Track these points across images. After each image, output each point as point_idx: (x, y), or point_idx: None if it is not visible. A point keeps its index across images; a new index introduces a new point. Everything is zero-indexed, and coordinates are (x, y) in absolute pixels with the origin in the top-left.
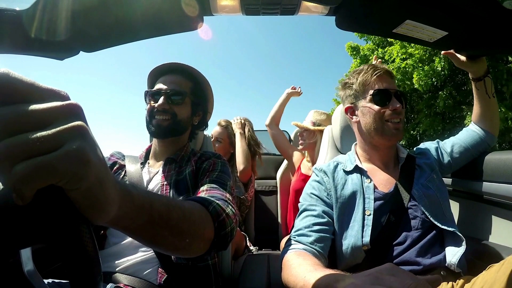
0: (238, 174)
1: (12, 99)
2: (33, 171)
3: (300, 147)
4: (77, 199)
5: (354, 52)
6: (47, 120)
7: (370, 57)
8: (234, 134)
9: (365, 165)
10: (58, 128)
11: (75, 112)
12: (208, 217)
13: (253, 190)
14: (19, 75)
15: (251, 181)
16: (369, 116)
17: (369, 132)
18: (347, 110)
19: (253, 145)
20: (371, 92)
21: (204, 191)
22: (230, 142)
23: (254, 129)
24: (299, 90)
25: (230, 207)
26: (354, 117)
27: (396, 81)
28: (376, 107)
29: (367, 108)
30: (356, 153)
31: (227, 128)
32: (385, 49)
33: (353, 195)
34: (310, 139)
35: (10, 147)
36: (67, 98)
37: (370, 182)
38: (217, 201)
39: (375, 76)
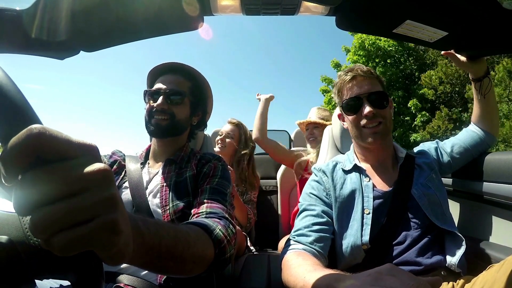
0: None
1: (49, 157)
2: (70, 244)
3: (309, 145)
4: (102, 256)
5: (325, 93)
6: (82, 186)
7: None
8: (245, 133)
9: (364, 164)
10: (94, 199)
11: (108, 178)
12: (210, 243)
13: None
14: (55, 131)
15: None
16: (349, 125)
17: (354, 138)
18: (339, 117)
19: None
20: (345, 98)
21: (205, 203)
22: (240, 140)
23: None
24: (269, 95)
25: (231, 227)
26: (344, 123)
27: None
28: (350, 117)
29: (345, 115)
30: (355, 152)
31: (238, 126)
32: None
33: (352, 194)
34: (321, 135)
35: (47, 219)
36: (97, 151)
37: (369, 180)
38: (219, 226)
39: (345, 83)
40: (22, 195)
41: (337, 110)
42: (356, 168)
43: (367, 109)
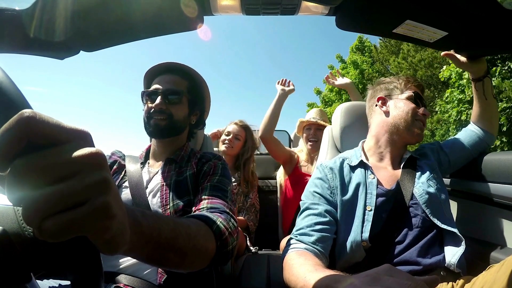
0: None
1: (39, 142)
2: (62, 228)
3: (309, 147)
4: (97, 243)
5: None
6: (74, 170)
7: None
8: (251, 137)
9: (370, 161)
10: (86, 183)
11: (100, 162)
12: (211, 236)
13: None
14: (46, 116)
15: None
16: (403, 110)
17: (396, 125)
18: (379, 99)
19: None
20: (412, 91)
21: (206, 200)
22: (246, 143)
23: (254, 128)
24: (291, 86)
25: (232, 221)
26: (384, 107)
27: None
28: (413, 105)
29: (403, 101)
30: (363, 149)
31: (246, 129)
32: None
33: (356, 190)
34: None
35: (38, 203)
36: (90, 137)
37: (374, 178)
38: (220, 219)
39: (416, 84)
40: (14, 182)
41: (342, 106)
42: (362, 165)
43: (427, 111)
